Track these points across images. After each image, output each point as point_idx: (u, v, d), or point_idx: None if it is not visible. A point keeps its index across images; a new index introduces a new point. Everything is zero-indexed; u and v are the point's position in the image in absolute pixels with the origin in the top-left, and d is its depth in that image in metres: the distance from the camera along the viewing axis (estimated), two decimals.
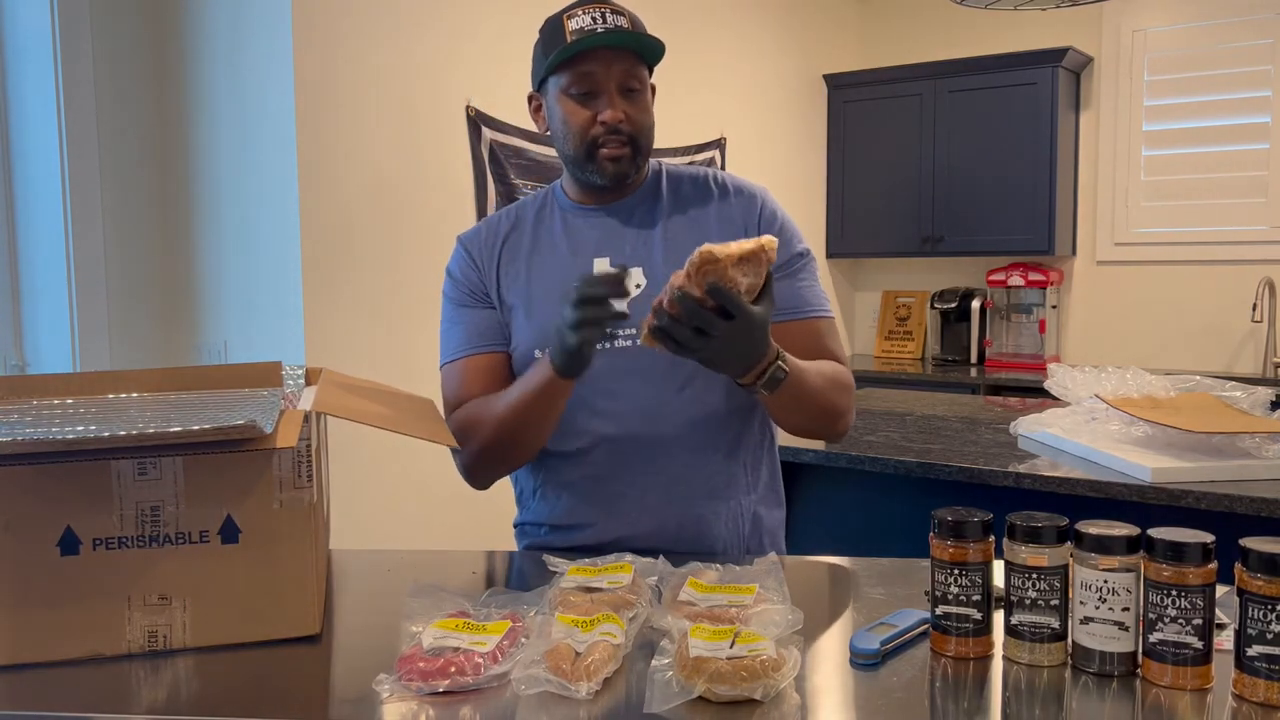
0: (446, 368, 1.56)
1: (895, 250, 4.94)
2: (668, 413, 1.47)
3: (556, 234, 1.56)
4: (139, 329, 3.04)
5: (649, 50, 1.47)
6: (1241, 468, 2.02)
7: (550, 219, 1.57)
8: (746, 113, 4.47)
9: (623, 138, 1.46)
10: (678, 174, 1.60)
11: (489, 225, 1.61)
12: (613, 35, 1.43)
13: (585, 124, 1.46)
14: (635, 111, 1.47)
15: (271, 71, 2.81)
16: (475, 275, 1.56)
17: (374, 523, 2.91)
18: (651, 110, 1.51)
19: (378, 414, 1.30)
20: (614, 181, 1.49)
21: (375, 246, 2.99)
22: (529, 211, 1.60)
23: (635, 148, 1.48)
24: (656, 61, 1.50)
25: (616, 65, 1.45)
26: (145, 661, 1.10)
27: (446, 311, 1.59)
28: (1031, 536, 1.05)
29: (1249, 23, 4.31)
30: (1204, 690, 0.99)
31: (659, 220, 1.54)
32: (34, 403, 1.26)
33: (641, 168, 1.52)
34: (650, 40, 1.45)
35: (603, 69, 1.44)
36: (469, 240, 1.60)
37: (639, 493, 1.48)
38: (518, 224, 1.59)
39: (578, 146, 1.47)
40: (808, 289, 1.54)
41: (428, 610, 1.14)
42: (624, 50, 1.45)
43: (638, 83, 1.47)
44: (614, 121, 1.45)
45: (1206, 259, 4.45)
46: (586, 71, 1.44)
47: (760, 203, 1.56)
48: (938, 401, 3.14)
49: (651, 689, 0.97)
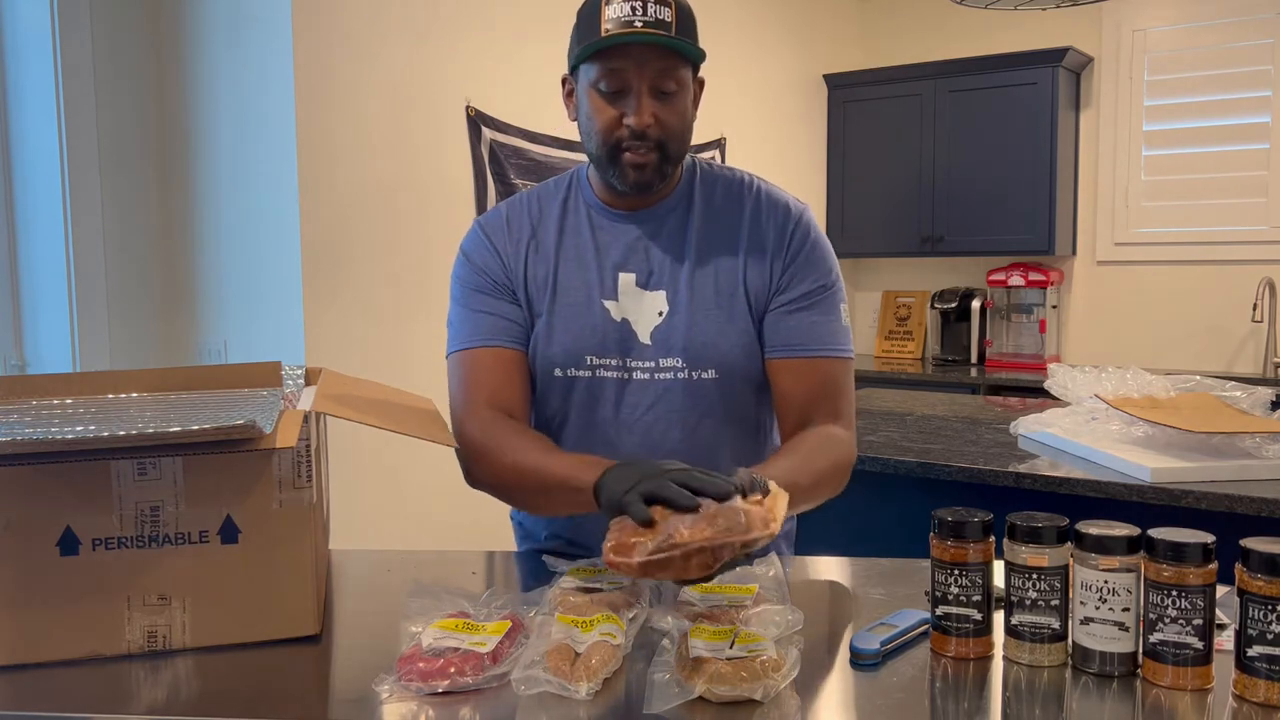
0: (455, 356, 1.46)
1: (895, 250, 4.94)
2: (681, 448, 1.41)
3: (584, 238, 1.46)
4: (139, 329, 3.04)
5: (688, 51, 1.35)
6: (1242, 468, 2.02)
7: (576, 216, 1.48)
8: (746, 113, 4.47)
9: (650, 144, 1.35)
10: (713, 177, 1.50)
11: (514, 213, 1.50)
12: (647, 34, 1.30)
13: (611, 124, 1.36)
14: (667, 115, 1.36)
15: (271, 71, 2.81)
16: (496, 264, 1.46)
17: (374, 523, 2.91)
18: (688, 114, 1.40)
19: (378, 414, 1.29)
20: (636, 190, 1.39)
21: (375, 246, 2.99)
22: (553, 204, 1.50)
23: (664, 154, 1.37)
24: (699, 61, 1.39)
25: (651, 64, 1.33)
26: (145, 662, 1.10)
27: (458, 295, 1.48)
28: (1032, 537, 1.05)
29: (1249, 22, 4.31)
30: (1204, 691, 0.99)
31: (690, 235, 1.44)
32: (34, 403, 1.26)
33: (669, 175, 1.41)
34: (685, 45, 1.34)
35: (635, 67, 1.33)
36: (490, 227, 1.49)
37: None
38: (543, 218, 1.49)
39: (600, 147, 1.38)
40: (821, 325, 1.43)
41: (428, 610, 1.13)
42: (662, 48, 1.33)
43: (674, 84, 1.35)
44: (640, 127, 1.34)
45: (1207, 259, 4.45)
46: (617, 68, 1.33)
47: (794, 225, 1.45)
48: (938, 401, 3.14)
49: (651, 689, 0.97)
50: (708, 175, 1.50)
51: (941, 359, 4.92)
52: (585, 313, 1.43)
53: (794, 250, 1.44)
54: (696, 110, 1.44)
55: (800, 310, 1.42)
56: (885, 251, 5.00)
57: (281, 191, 2.82)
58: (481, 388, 1.43)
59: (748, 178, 1.51)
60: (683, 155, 1.42)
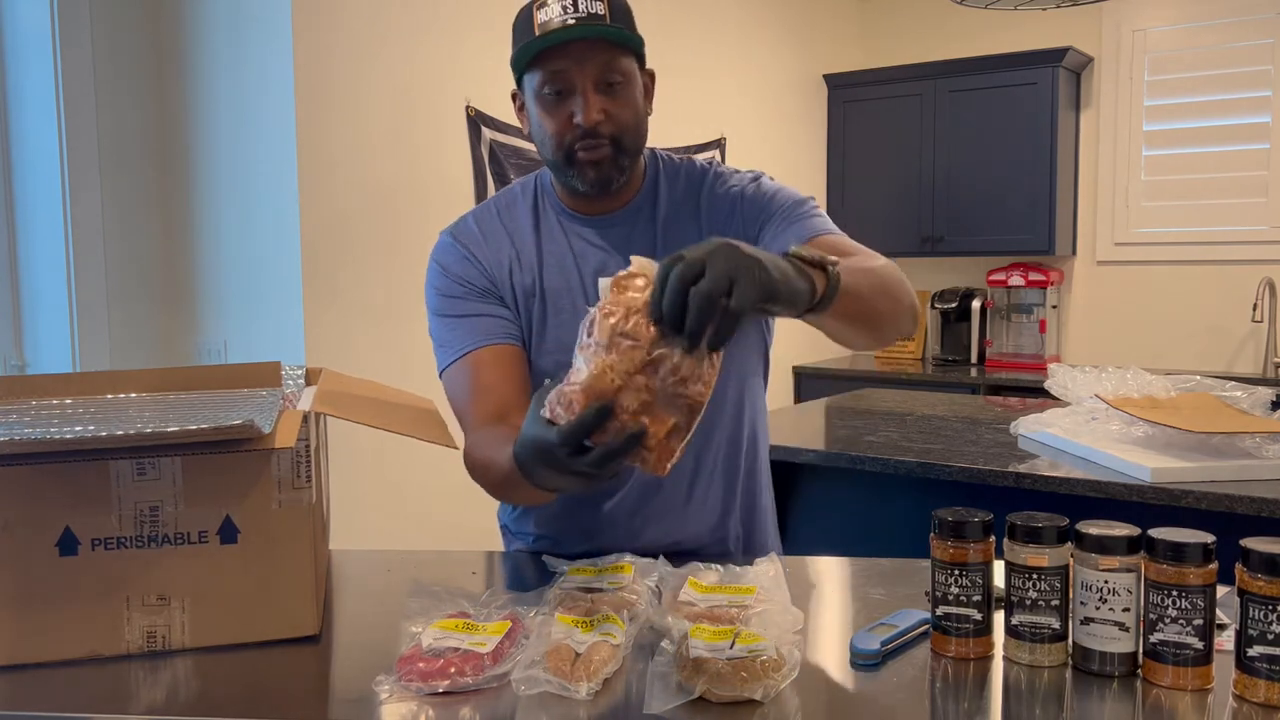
0: (455, 367, 1.40)
1: (895, 250, 4.93)
2: None
3: (560, 245, 1.44)
4: (139, 329, 3.04)
5: (626, 39, 1.31)
6: (1242, 468, 2.02)
7: (548, 223, 1.46)
8: (746, 113, 4.47)
9: (602, 139, 1.32)
10: (674, 169, 1.48)
11: (485, 223, 1.48)
12: (577, 28, 1.27)
13: (562, 127, 1.33)
14: (617, 109, 1.32)
15: (271, 71, 2.81)
16: (477, 271, 1.43)
17: (374, 523, 2.91)
18: (639, 106, 1.36)
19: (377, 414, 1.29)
20: (596, 188, 1.36)
21: (375, 246, 2.99)
22: (523, 213, 1.47)
23: (619, 148, 1.34)
24: (639, 49, 1.35)
25: (591, 59, 1.30)
26: (144, 662, 1.10)
27: (441, 307, 1.44)
28: (1032, 537, 1.05)
29: (1249, 22, 4.31)
30: (1204, 691, 0.99)
31: (658, 230, 1.43)
32: (33, 403, 1.26)
33: (628, 169, 1.38)
34: (621, 32, 1.30)
35: (575, 65, 1.30)
36: (466, 236, 1.47)
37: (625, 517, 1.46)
38: (517, 227, 1.46)
39: (555, 151, 1.35)
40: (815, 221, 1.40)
41: (427, 610, 1.14)
42: (600, 41, 1.30)
43: (619, 76, 1.32)
44: (590, 124, 1.31)
45: (1207, 259, 4.45)
46: (558, 69, 1.30)
47: (750, 184, 1.44)
48: (938, 401, 3.14)
49: (651, 689, 0.97)
50: (670, 168, 1.48)
51: (942, 359, 4.92)
52: (572, 321, 1.41)
53: (756, 200, 1.42)
54: (650, 103, 1.42)
55: (785, 224, 1.39)
56: (885, 251, 4.82)
57: (281, 191, 2.82)
58: (489, 393, 1.37)
59: (703, 164, 1.49)
60: (638, 148, 1.39)
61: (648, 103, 1.41)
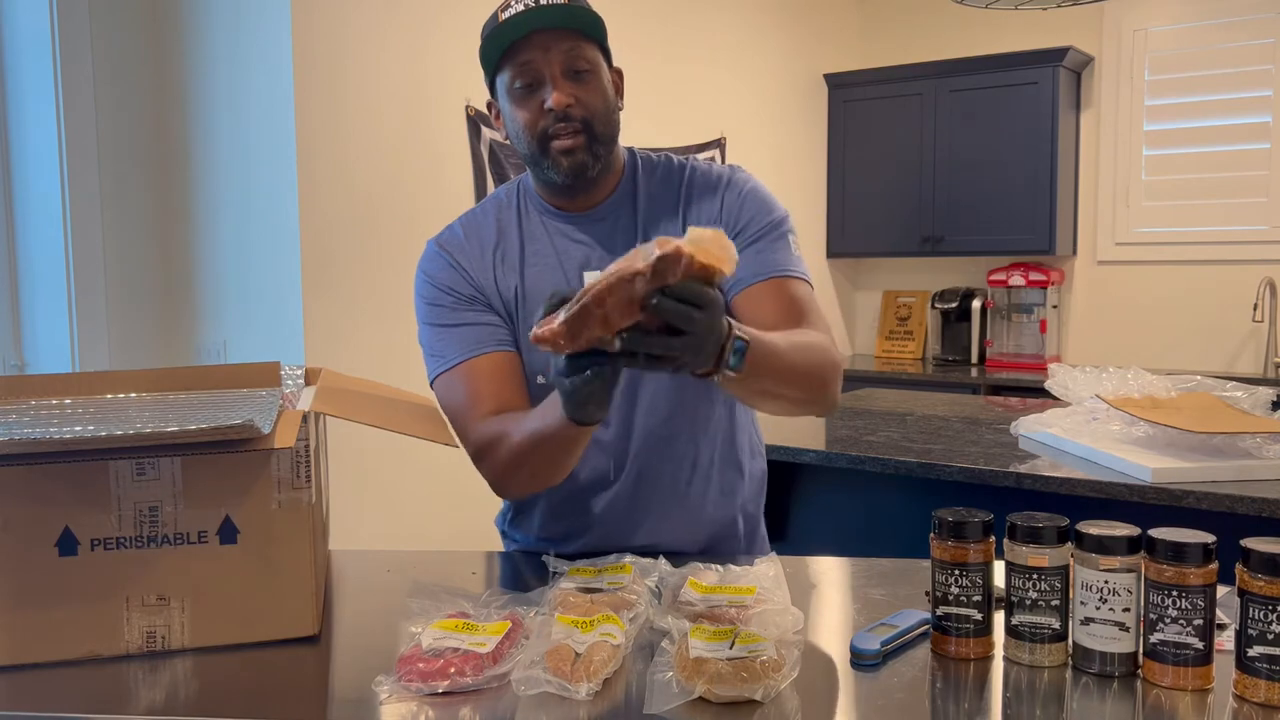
0: (449, 375, 1.41)
1: (895, 250, 4.94)
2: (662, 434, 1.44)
3: (544, 245, 1.45)
4: (138, 329, 3.04)
5: (588, 24, 1.34)
6: (1242, 468, 2.02)
7: (531, 224, 1.47)
8: (746, 113, 4.47)
9: (575, 125, 1.34)
10: (651, 165, 1.49)
11: (471, 229, 1.49)
12: (537, 14, 1.31)
13: (534, 116, 1.35)
14: (586, 94, 1.34)
15: (271, 71, 2.81)
16: (462, 279, 1.44)
17: (374, 523, 2.91)
18: (608, 93, 1.38)
19: (377, 414, 1.29)
20: (572, 176, 1.37)
21: (375, 246, 2.99)
22: (509, 216, 1.48)
23: (591, 134, 1.35)
24: (603, 37, 1.38)
25: (557, 47, 1.33)
26: (144, 662, 1.09)
27: (430, 316, 1.45)
28: (1032, 537, 1.05)
29: (1250, 22, 4.31)
30: (1205, 691, 0.99)
31: (639, 226, 1.44)
32: (32, 403, 1.26)
33: (603, 158, 1.39)
34: (582, 12, 1.33)
35: (541, 54, 1.33)
36: (451, 245, 1.48)
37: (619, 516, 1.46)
38: (503, 230, 1.47)
39: (530, 143, 1.37)
40: (772, 252, 1.41)
41: (427, 610, 1.13)
42: (564, 31, 1.33)
43: (585, 63, 1.35)
44: (560, 106, 1.32)
45: (1207, 259, 4.45)
46: (525, 61, 1.33)
47: (724, 185, 1.45)
48: (938, 402, 3.14)
49: (651, 689, 0.97)
50: (647, 164, 1.49)
51: (942, 359, 4.92)
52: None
53: (729, 205, 1.44)
54: (622, 100, 1.44)
55: (750, 245, 1.40)
56: (885, 251, 5.00)
57: (281, 191, 2.82)
58: (485, 398, 1.38)
59: (680, 160, 1.51)
60: (611, 136, 1.40)
61: (618, 97, 1.43)
